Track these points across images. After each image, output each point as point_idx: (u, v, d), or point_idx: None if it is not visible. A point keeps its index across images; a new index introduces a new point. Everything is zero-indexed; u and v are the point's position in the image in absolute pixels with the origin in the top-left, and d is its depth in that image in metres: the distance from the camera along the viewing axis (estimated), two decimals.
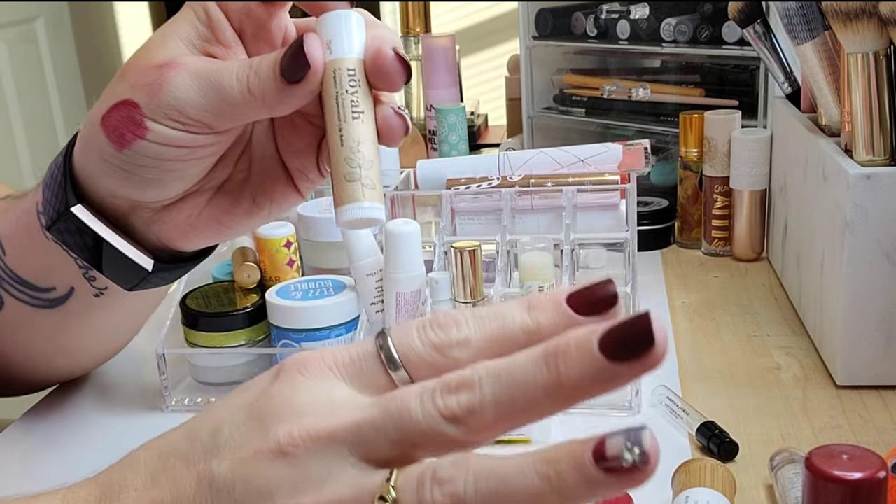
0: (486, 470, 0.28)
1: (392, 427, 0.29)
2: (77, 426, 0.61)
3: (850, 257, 0.57)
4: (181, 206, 0.47)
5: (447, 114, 0.99)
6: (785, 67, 0.76)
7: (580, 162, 0.71)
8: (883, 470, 0.37)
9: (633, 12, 0.96)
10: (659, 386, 0.58)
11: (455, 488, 0.28)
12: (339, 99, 0.39)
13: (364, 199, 0.37)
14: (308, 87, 0.40)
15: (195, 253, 0.51)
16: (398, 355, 0.31)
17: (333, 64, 0.39)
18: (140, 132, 0.42)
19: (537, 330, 0.30)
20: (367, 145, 0.38)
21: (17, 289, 0.53)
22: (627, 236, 0.64)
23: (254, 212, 0.48)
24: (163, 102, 0.41)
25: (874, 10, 0.55)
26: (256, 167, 0.48)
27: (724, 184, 0.82)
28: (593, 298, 0.30)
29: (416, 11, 1.27)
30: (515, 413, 0.29)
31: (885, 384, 0.58)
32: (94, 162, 0.45)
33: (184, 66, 0.41)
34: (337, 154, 0.38)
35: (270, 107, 0.41)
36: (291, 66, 0.39)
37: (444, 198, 0.69)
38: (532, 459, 0.28)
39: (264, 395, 0.31)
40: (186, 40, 0.42)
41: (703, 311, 0.72)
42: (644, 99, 0.97)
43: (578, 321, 0.30)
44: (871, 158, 0.58)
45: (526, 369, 0.29)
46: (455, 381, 0.29)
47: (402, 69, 0.40)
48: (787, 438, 0.54)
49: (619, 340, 0.28)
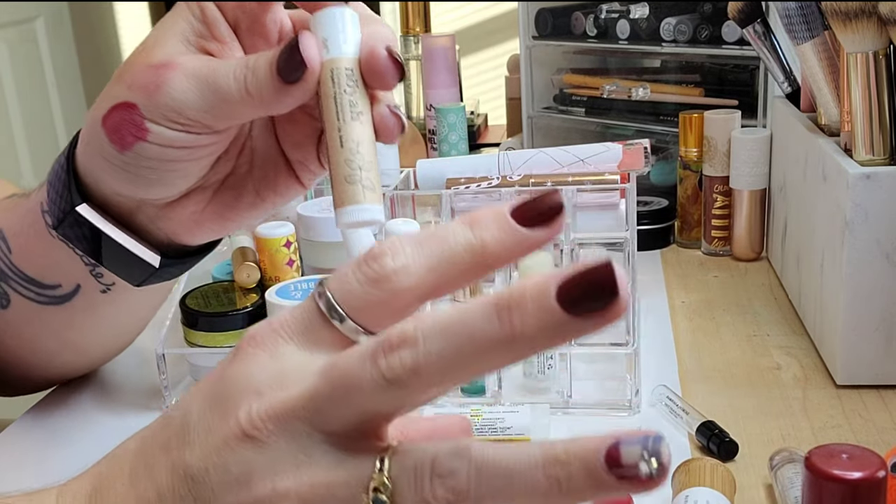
0: (490, 464, 0.27)
1: (340, 398, 0.28)
2: (77, 426, 0.61)
3: (850, 257, 0.57)
4: (185, 202, 0.47)
5: (447, 113, 0.99)
6: (785, 67, 0.76)
7: (580, 162, 0.71)
8: (882, 469, 0.37)
9: (633, 12, 0.96)
10: (659, 385, 0.58)
11: (457, 483, 0.27)
12: (337, 99, 0.38)
13: (365, 200, 0.37)
14: (305, 86, 0.39)
15: (201, 246, 0.51)
16: (338, 303, 0.30)
17: (331, 63, 0.39)
18: (141, 134, 0.42)
19: (482, 248, 0.29)
20: (366, 146, 0.38)
21: (23, 286, 0.54)
22: (627, 236, 0.64)
23: (257, 204, 0.48)
24: (161, 104, 0.41)
25: (874, 10, 0.55)
26: (258, 161, 0.48)
27: (723, 183, 0.82)
28: (539, 209, 0.29)
29: (416, 11, 1.27)
30: (463, 369, 0.27)
31: (885, 384, 0.58)
32: (97, 162, 0.45)
33: (180, 66, 0.41)
34: (336, 155, 0.38)
35: (269, 106, 0.41)
36: (288, 66, 0.39)
37: (444, 198, 0.69)
38: (541, 459, 0.26)
39: (223, 379, 0.31)
40: (182, 37, 0.42)
41: (703, 311, 0.72)
42: (644, 99, 0.97)
43: (524, 234, 0.28)
44: (870, 158, 0.58)
45: (476, 322, 0.27)
46: (396, 337, 0.28)
47: (396, 69, 0.39)
48: (786, 438, 0.54)
49: (580, 291, 0.26)
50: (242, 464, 0.29)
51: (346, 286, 0.30)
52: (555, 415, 0.58)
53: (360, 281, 0.30)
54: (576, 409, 0.58)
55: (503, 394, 0.60)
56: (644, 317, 0.67)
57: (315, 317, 0.31)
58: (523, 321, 0.26)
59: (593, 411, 0.58)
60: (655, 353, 0.64)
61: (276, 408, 0.29)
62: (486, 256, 0.29)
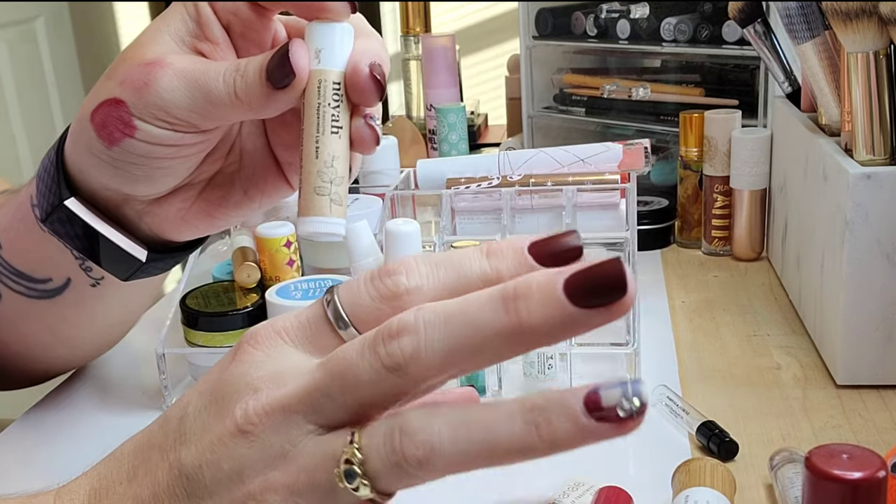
0: (464, 420, 0.27)
1: (338, 388, 0.28)
2: (77, 426, 0.61)
3: (850, 257, 0.57)
4: (172, 199, 0.48)
5: (447, 113, 0.99)
6: (785, 67, 0.76)
7: (580, 161, 0.71)
8: (883, 469, 0.37)
9: (633, 12, 0.96)
10: (659, 385, 0.58)
11: (428, 437, 0.27)
12: (320, 111, 0.39)
13: (330, 214, 0.39)
14: (294, 93, 0.40)
15: (189, 242, 0.51)
16: (346, 313, 0.30)
17: (319, 74, 0.40)
18: (129, 131, 0.42)
19: (497, 278, 0.29)
20: (341, 161, 0.39)
21: (14, 280, 0.54)
22: (627, 236, 0.64)
23: (245, 204, 0.48)
24: (149, 102, 0.41)
25: (874, 10, 0.55)
26: (246, 160, 0.48)
27: (724, 183, 0.82)
28: (557, 248, 0.29)
29: (416, 11, 1.27)
30: (466, 358, 0.27)
31: (885, 384, 0.58)
32: (85, 157, 0.45)
33: (170, 65, 0.41)
34: (310, 165, 0.39)
35: (257, 110, 0.41)
36: (277, 73, 0.39)
37: (444, 197, 0.69)
38: (518, 408, 0.26)
39: (222, 377, 0.31)
40: (176, 36, 0.43)
41: (703, 311, 0.72)
42: (644, 98, 0.97)
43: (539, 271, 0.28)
44: (871, 158, 0.58)
45: (482, 311, 0.27)
46: (396, 325, 0.28)
47: (376, 88, 0.40)
48: (787, 438, 0.54)
49: (588, 285, 0.26)
50: (234, 460, 0.29)
51: (356, 297, 0.30)
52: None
53: (372, 296, 0.30)
54: None
55: (503, 393, 0.60)
56: (644, 317, 0.67)
57: (320, 322, 0.31)
58: (529, 311, 0.26)
59: None
60: (655, 353, 0.64)
61: (272, 404, 0.29)
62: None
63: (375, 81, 0.40)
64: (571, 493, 0.47)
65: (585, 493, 0.47)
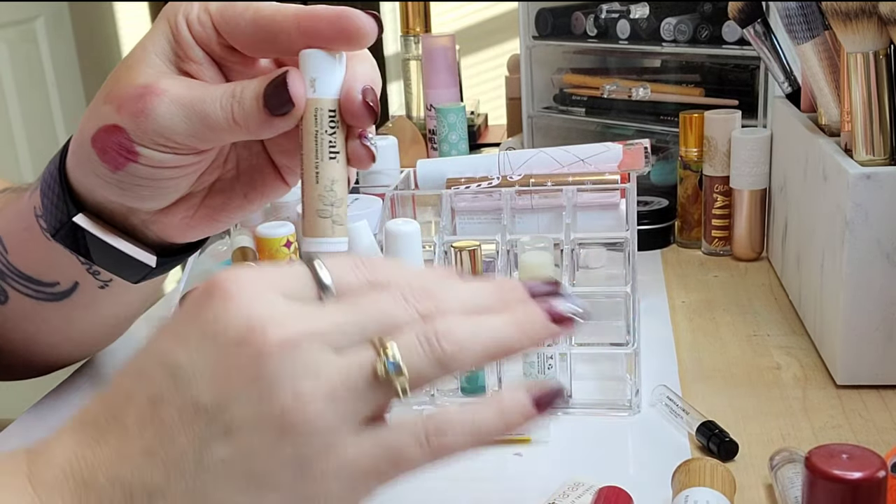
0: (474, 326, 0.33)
1: (372, 320, 0.33)
2: None
3: (850, 257, 0.57)
4: (175, 209, 0.49)
5: (447, 113, 0.99)
6: (785, 67, 0.76)
7: (580, 161, 0.71)
8: (883, 469, 0.37)
9: (633, 12, 0.96)
10: (659, 385, 0.58)
11: (457, 336, 0.33)
12: (318, 138, 0.41)
13: (333, 235, 0.42)
14: (292, 120, 0.42)
15: (195, 241, 0.53)
16: (333, 286, 0.34)
17: (315, 103, 0.41)
18: (132, 157, 0.44)
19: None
20: (340, 184, 0.42)
21: (20, 283, 0.54)
22: (627, 236, 0.64)
23: (245, 206, 0.50)
24: (148, 129, 0.42)
25: (874, 10, 0.55)
26: (245, 166, 0.49)
27: (724, 183, 0.82)
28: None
29: (416, 11, 1.27)
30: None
31: (885, 384, 0.58)
32: (89, 178, 0.47)
33: (165, 92, 0.42)
34: (311, 190, 0.41)
35: (255, 134, 0.43)
36: (275, 101, 0.41)
37: (444, 197, 0.69)
38: (507, 318, 0.34)
39: (208, 319, 0.32)
40: (164, 56, 0.43)
41: (703, 311, 0.72)
42: (644, 98, 0.97)
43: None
44: (870, 158, 0.58)
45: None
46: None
47: (369, 114, 0.42)
48: (786, 438, 0.54)
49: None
50: (261, 379, 0.31)
51: (345, 277, 0.34)
52: (555, 414, 0.58)
53: (359, 278, 0.35)
54: (576, 409, 0.58)
55: None
56: (644, 317, 0.67)
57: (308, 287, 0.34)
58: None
59: (593, 411, 0.58)
60: (655, 353, 0.64)
61: (301, 331, 0.32)
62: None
63: (368, 107, 0.42)
64: (571, 493, 0.47)
65: (585, 493, 0.47)
